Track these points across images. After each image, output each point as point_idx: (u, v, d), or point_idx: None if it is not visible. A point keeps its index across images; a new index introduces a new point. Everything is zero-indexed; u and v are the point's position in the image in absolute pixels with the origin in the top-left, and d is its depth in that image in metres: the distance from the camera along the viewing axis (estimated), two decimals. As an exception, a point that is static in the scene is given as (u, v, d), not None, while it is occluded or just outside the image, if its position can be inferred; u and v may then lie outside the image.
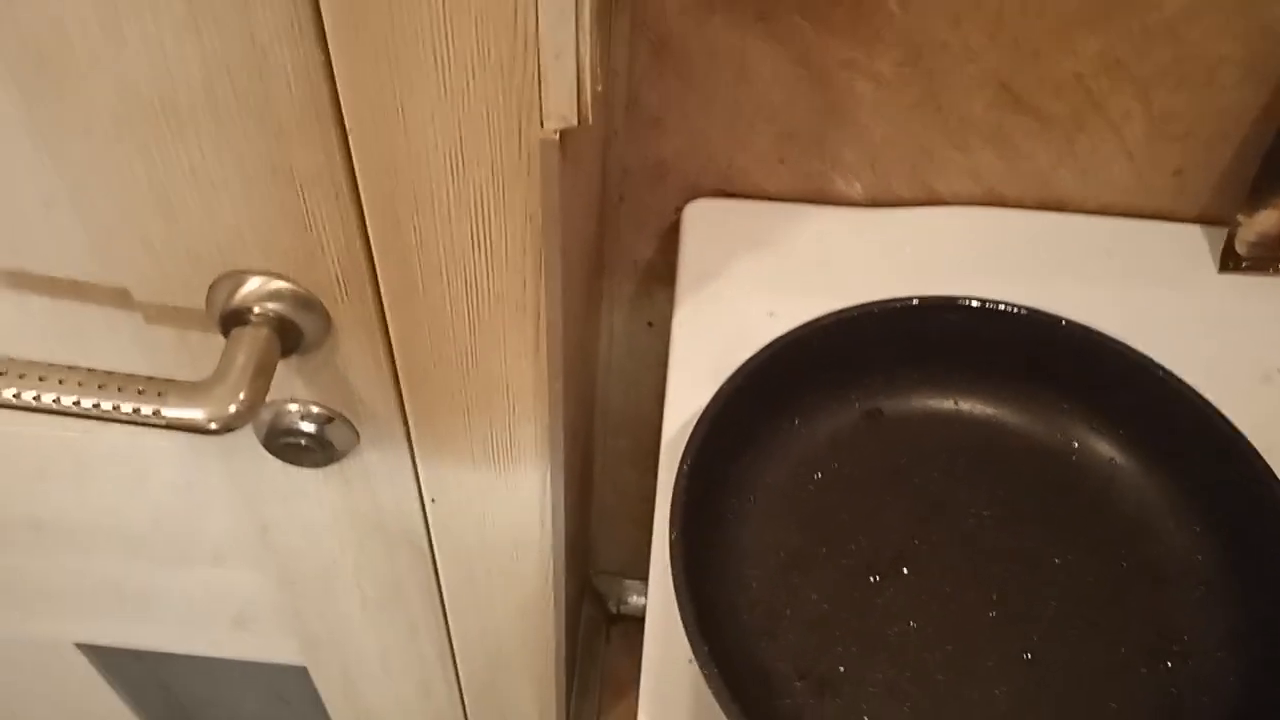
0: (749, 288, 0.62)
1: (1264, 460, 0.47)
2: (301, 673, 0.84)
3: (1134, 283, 0.63)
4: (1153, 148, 0.62)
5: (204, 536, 0.68)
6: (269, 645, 0.81)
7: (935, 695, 0.44)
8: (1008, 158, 0.63)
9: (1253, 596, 0.46)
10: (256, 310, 0.48)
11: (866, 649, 0.46)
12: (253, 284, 0.48)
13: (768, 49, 0.58)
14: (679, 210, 0.67)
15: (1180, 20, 0.56)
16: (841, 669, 0.45)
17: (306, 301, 0.49)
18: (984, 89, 0.59)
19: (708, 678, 0.39)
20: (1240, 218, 0.61)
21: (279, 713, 1.01)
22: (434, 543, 0.66)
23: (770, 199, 0.66)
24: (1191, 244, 0.65)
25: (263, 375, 0.47)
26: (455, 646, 0.77)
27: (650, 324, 0.75)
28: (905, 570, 0.48)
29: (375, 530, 0.65)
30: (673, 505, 0.44)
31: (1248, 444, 0.48)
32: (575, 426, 0.67)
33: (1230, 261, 0.63)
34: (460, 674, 0.81)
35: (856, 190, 0.65)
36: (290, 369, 0.53)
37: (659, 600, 0.50)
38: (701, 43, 0.58)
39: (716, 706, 0.40)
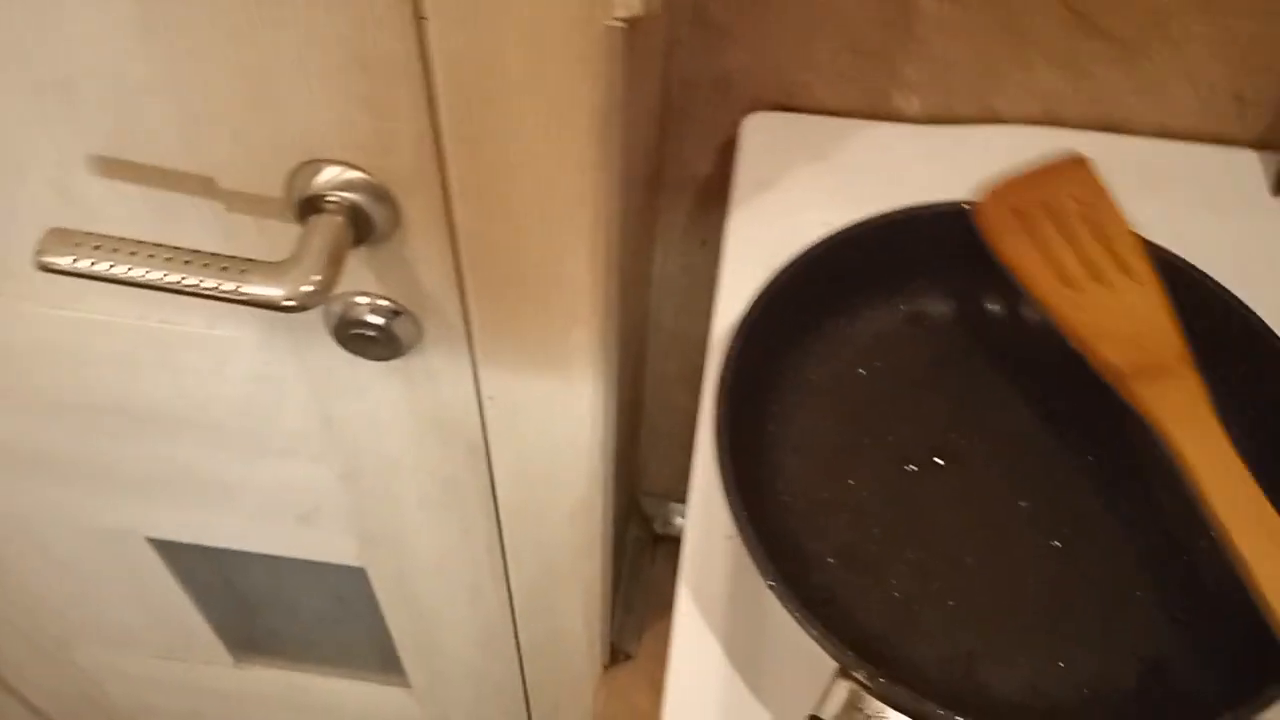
0: (803, 201, 0.63)
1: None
2: (360, 574, 0.87)
3: (1187, 205, 0.63)
4: (1214, 71, 0.62)
5: (275, 428, 0.71)
6: (331, 545, 0.84)
7: (964, 576, 0.46)
8: (1070, 78, 0.63)
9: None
10: (331, 198, 0.50)
11: (899, 532, 0.47)
12: (329, 173, 0.50)
13: (840, -41, 0.59)
14: (737, 125, 0.68)
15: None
16: (874, 549, 0.47)
17: (378, 191, 0.51)
18: (1052, 7, 0.59)
19: (745, 540, 0.41)
20: (1297, 143, 0.61)
21: (337, 612, 1.04)
22: (489, 442, 0.68)
23: (829, 114, 0.67)
24: (1249, 169, 0.65)
25: (336, 260, 0.49)
26: (506, 551, 0.80)
27: (704, 242, 0.77)
28: (940, 461, 0.49)
29: (434, 427, 0.67)
30: (719, 384, 0.46)
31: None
32: (627, 337, 0.69)
33: (1286, 186, 0.63)
34: (510, 579, 0.83)
35: (915, 106, 0.66)
36: (360, 262, 0.55)
37: (701, 483, 0.52)
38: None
39: (753, 576, 0.42)
